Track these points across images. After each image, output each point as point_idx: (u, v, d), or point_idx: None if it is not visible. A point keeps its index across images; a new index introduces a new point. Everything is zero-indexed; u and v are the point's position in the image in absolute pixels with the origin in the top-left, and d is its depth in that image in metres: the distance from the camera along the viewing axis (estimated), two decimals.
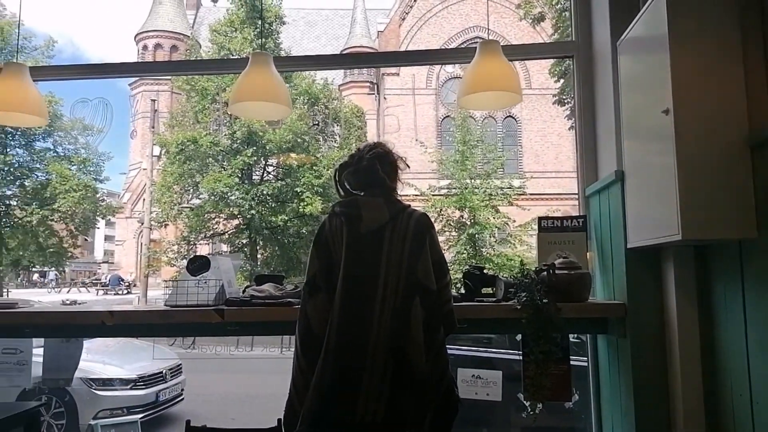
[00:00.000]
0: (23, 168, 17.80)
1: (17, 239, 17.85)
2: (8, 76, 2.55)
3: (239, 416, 6.25)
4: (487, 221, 14.36)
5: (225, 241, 18.40)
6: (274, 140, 16.42)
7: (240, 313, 2.32)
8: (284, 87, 2.50)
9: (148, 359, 6.42)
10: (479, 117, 20.89)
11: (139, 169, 26.36)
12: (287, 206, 16.96)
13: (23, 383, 2.80)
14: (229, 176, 16.28)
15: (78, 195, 17.43)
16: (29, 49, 16.87)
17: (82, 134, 18.27)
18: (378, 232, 1.87)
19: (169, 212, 17.65)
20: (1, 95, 2.54)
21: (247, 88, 2.38)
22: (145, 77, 24.04)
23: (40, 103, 2.61)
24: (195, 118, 17.05)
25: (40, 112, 2.60)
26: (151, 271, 20.60)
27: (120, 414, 5.30)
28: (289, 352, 6.72)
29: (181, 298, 2.37)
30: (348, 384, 1.76)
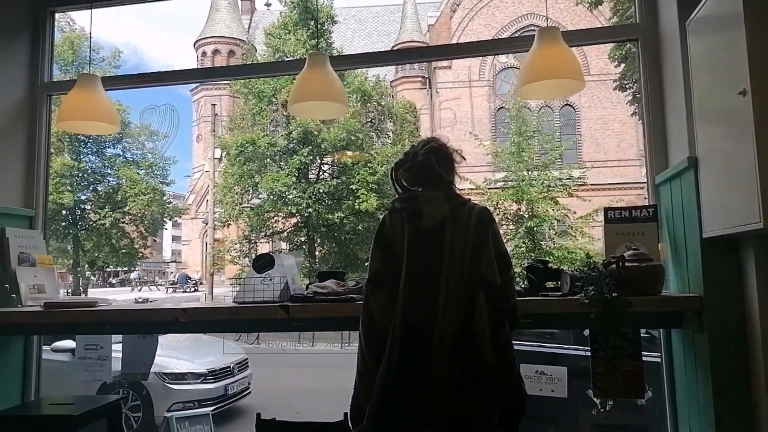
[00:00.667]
0: (96, 174, 18.90)
1: (92, 241, 18.98)
2: (82, 87, 2.71)
3: (304, 410, 6.39)
4: (545, 213, 14.00)
5: (284, 239, 18.84)
6: (328, 139, 16.65)
7: (304, 309, 2.36)
8: (341, 85, 2.52)
9: (217, 354, 6.67)
10: (535, 107, 20.39)
11: (202, 171, 27.40)
12: (343, 203, 17.16)
13: (104, 377, 2.97)
14: (287, 176, 16.64)
15: (147, 198, 18.35)
16: (97, 60, 17.84)
17: (149, 140, 19.18)
18: (439, 227, 1.86)
19: (231, 212, 18.24)
20: (76, 105, 2.70)
21: (305, 89, 2.42)
22: (205, 83, 24.95)
23: (112, 111, 2.76)
24: (253, 120, 17.53)
25: (113, 120, 2.75)
26: (215, 269, 21.41)
27: (192, 407, 5.53)
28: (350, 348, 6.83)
29: (248, 295, 2.45)
30: (412, 380, 1.76)
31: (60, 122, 2.72)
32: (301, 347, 11.18)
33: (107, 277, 30.86)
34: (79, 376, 2.89)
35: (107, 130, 2.87)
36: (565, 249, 13.71)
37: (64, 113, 2.67)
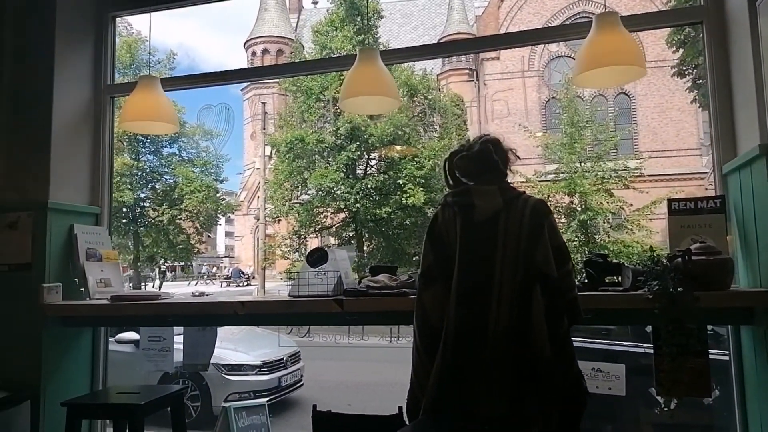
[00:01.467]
0: (154, 172, 19.66)
1: (151, 237, 19.79)
2: (143, 88, 2.81)
3: (355, 403, 6.46)
4: (599, 206, 13.59)
5: (333, 234, 19.08)
6: (376, 134, 16.71)
7: (357, 303, 2.38)
8: (392, 80, 2.51)
9: (270, 346, 6.83)
10: (588, 96, 19.77)
11: (253, 168, 28.07)
12: (390, 198, 17.20)
13: (166, 368, 3.09)
14: (335, 171, 16.82)
15: (201, 195, 18.97)
16: (153, 63, 18.50)
17: (203, 139, 19.79)
18: (492, 220, 1.83)
19: (281, 208, 18.62)
20: (138, 106, 2.81)
21: (357, 84, 2.43)
22: (255, 82, 25.50)
23: (172, 111, 2.85)
24: (301, 117, 17.80)
25: (172, 120, 2.84)
26: (267, 264, 21.91)
27: (247, 397, 5.69)
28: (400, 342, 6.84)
29: (302, 288, 2.48)
30: (467, 376, 1.75)
31: (122, 123, 2.84)
32: (352, 341, 11.29)
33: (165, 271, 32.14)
34: (143, 366, 3.02)
35: (167, 129, 2.98)
36: (620, 243, 13.28)
37: (127, 114, 2.78)
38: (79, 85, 3.16)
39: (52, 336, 2.81)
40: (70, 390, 2.83)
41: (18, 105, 3.00)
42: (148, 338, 2.99)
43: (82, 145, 3.17)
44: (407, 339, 10.16)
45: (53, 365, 2.82)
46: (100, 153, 3.25)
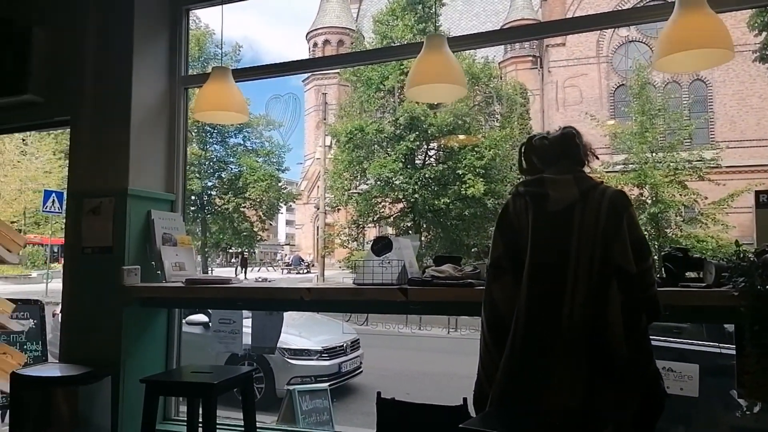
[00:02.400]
0: (220, 162, 20.41)
1: (218, 224, 20.60)
2: (216, 79, 2.90)
3: (413, 392, 6.48)
4: (671, 198, 12.93)
5: (390, 224, 19.17)
6: (435, 124, 16.60)
7: (422, 293, 2.37)
8: (459, 67, 2.47)
9: (330, 333, 6.95)
10: (660, 83, 18.80)
11: (313, 158, 28.58)
12: (449, 189, 17.07)
13: (236, 350, 3.21)
14: (394, 161, 16.85)
15: (264, 184, 19.55)
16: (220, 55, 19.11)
17: (266, 129, 20.33)
18: (567, 211, 1.77)
19: (340, 198, 18.87)
20: (211, 96, 2.90)
21: (424, 72, 2.40)
22: (316, 73, 25.85)
23: (242, 101, 2.93)
24: (361, 107, 17.92)
25: (243, 110, 2.92)
26: (326, 252, 22.33)
27: (309, 381, 5.82)
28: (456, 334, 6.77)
29: (367, 276, 2.51)
30: (538, 370, 1.71)
31: (196, 113, 2.94)
32: (408, 330, 11.32)
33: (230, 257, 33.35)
34: (214, 347, 3.14)
35: (238, 119, 3.06)
36: (693, 237, 12.61)
37: (200, 104, 2.88)
38: (155, 77, 3.30)
39: (131, 316, 2.97)
40: (146, 367, 2.99)
41: (100, 96, 3.16)
42: (219, 321, 3.11)
43: (158, 135, 3.32)
44: (465, 330, 10.10)
45: (132, 344, 2.98)
46: (175, 142, 3.39)
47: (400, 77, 16.78)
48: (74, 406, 2.64)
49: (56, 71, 3.27)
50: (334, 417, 4.14)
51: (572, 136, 1.85)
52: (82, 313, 3.04)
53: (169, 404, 3.22)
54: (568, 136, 1.86)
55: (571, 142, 1.84)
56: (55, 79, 3.26)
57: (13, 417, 2.81)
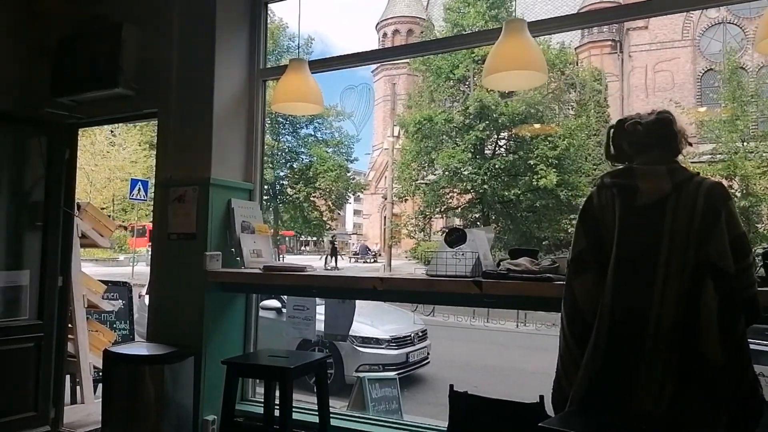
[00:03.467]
0: (292, 152, 20.97)
1: (289, 213, 21.22)
2: (293, 71, 2.96)
3: (481, 386, 6.40)
4: (764, 192, 11.99)
5: (458, 215, 18.99)
6: (506, 113, 16.21)
7: (497, 286, 2.32)
8: (540, 52, 2.38)
9: (397, 322, 6.99)
10: (753, 67, 17.40)
11: (381, 149, 28.72)
12: (520, 180, 16.68)
13: (309, 336, 3.29)
14: (462, 152, 16.65)
15: (334, 174, 19.92)
16: (293, 48, 19.57)
17: (336, 120, 20.65)
18: (658, 204, 1.66)
19: (408, 188, 18.87)
20: (288, 88, 2.96)
21: (502, 58, 2.33)
22: (385, 63, 25.89)
23: (319, 92, 2.98)
24: (430, 97, 17.80)
25: (319, 101, 2.97)
26: (393, 242, 22.46)
27: (377, 370, 5.89)
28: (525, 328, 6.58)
29: (440, 268, 2.48)
30: (622, 372, 1.63)
31: (275, 104, 3.01)
32: (476, 323, 11.20)
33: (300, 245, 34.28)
34: (289, 332, 3.23)
35: (314, 110, 3.11)
36: None
37: (279, 96, 2.95)
38: (235, 70, 3.41)
39: (213, 300, 3.11)
40: (226, 349, 3.12)
41: (184, 89, 3.31)
42: (294, 307, 3.19)
43: (238, 126, 3.43)
44: (536, 325, 9.86)
45: (212, 326, 3.12)
46: (253, 133, 3.49)
47: (471, 66, 16.50)
48: (160, 383, 2.80)
49: (144, 65, 3.44)
50: (403, 406, 4.16)
51: (668, 121, 1.73)
52: (168, 295, 3.21)
53: (246, 386, 3.35)
54: (663, 122, 1.73)
55: (667, 128, 1.72)
56: (143, 73, 3.44)
57: (105, 391, 3.03)
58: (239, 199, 3.31)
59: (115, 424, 2.87)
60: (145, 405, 2.79)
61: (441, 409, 5.49)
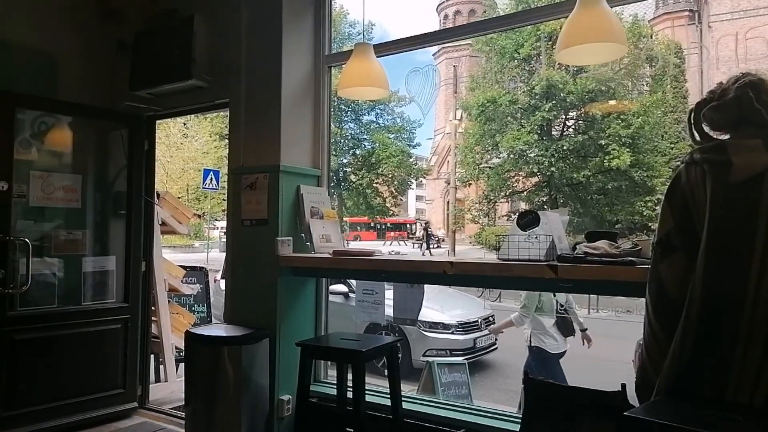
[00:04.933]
0: (354, 139, 21.15)
1: (353, 200, 21.47)
2: (359, 55, 2.95)
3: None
4: None
5: (524, 199, 18.56)
6: (575, 91, 15.59)
7: (574, 270, 2.23)
8: (618, 22, 2.24)
9: (464, 307, 6.94)
10: None
11: (443, 133, 28.44)
12: (590, 161, 16.05)
13: (378, 320, 3.30)
14: (528, 133, 16.20)
15: (396, 160, 19.94)
16: (354, 34, 19.63)
17: (398, 105, 20.61)
18: (754, 181, 1.52)
19: (471, 172, 18.61)
20: (354, 73, 2.95)
21: (577, 30, 2.21)
22: (446, 45, 25.50)
23: (384, 76, 2.95)
24: (494, 78, 17.39)
25: (385, 85, 2.94)
26: (457, 228, 22.26)
27: (444, 354, 5.88)
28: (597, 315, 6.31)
29: (512, 252, 2.41)
30: (714, 359, 1.52)
31: (341, 89, 3.02)
32: None
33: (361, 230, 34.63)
34: (358, 316, 3.26)
35: (381, 93, 3.09)
36: None
37: (345, 81, 2.95)
38: (302, 57, 3.44)
39: (285, 284, 3.18)
40: (298, 332, 3.20)
41: (253, 78, 3.38)
42: (363, 291, 3.21)
43: (305, 113, 3.47)
44: (608, 311, 9.51)
45: (285, 309, 3.20)
46: (320, 120, 3.52)
47: (536, 44, 15.96)
48: (238, 363, 2.90)
49: (215, 56, 3.55)
50: (473, 391, 4.13)
51: (749, 100, 1.56)
52: (243, 279, 3.32)
53: (318, 367, 3.43)
54: (743, 102, 1.57)
55: (749, 107, 1.56)
56: (214, 64, 3.54)
57: (187, 370, 3.18)
58: (308, 185, 3.36)
59: (197, 401, 3.01)
60: (225, 384, 2.90)
61: (511, 396, 5.43)
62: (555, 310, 4.39)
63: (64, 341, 3.49)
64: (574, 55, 2.35)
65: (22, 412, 3.29)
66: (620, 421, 1.46)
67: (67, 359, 3.49)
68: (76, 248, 3.67)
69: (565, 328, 4.38)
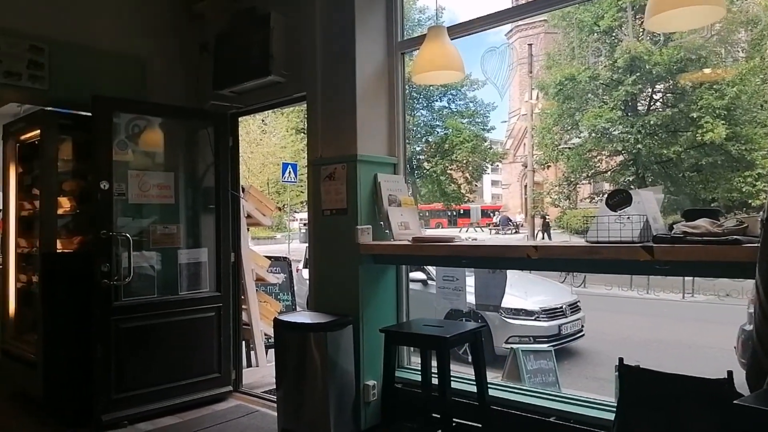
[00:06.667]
0: (427, 126, 21.01)
1: (427, 188, 21.39)
2: (433, 38, 2.90)
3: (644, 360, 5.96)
4: None
5: (608, 180, 17.67)
6: (662, 62, 14.56)
7: (672, 252, 2.09)
8: None
9: (546, 293, 6.72)
10: None
11: (518, 115, 27.60)
12: (680, 136, 14.98)
13: (460, 306, 3.28)
14: (611, 110, 15.36)
15: (470, 145, 19.62)
16: (424, 19, 19.43)
17: (470, 89, 20.23)
18: None
19: (550, 154, 17.96)
20: (429, 57, 2.91)
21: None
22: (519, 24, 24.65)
23: (459, 58, 2.89)
24: (572, 54, 16.61)
25: (460, 67, 2.88)
26: (536, 212, 21.60)
27: (527, 341, 5.74)
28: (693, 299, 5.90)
29: (602, 234, 2.30)
30: None
31: (416, 75, 2.99)
32: (633, 293, 10.43)
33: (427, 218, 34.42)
34: (439, 303, 3.25)
35: (456, 77, 3.04)
36: None
37: (420, 65, 2.92)
38: (375, 46, 3.44)
39: (366, 271, 3.23)
40: (380, 319, 3.24)
41: (328, 70, 3.42)
42: (443, 278, 3.19)
43: (380, 101, 3.47)
44: (705, 295, 8.89)
45: (367, 297, 3.24)
46: (395, 107, 3.52)
47: (617, 15, 15.07)
48: (324, 349, 2.98)
49: (291, 51, 3.63)
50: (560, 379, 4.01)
51: None
52: (326, 268, 3.41)
53: (401, 353, 3.45)
54: None
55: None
56: (291, 59, 3.63)
57: (277, 355, 3.31)
58: (385, 173, 3.38)
59: (287, 385, 3.13)
60: (312, 368, 2.99)
61: (600, 384, 5.23)
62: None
63: (164, 329, 3.73)
64: (667, 22, 2.18)
65: (130, 395, 3.56)
66: (728, 410, 1.36)
67: (166, 346, 3.73)
68: (171, 241, 3.91)
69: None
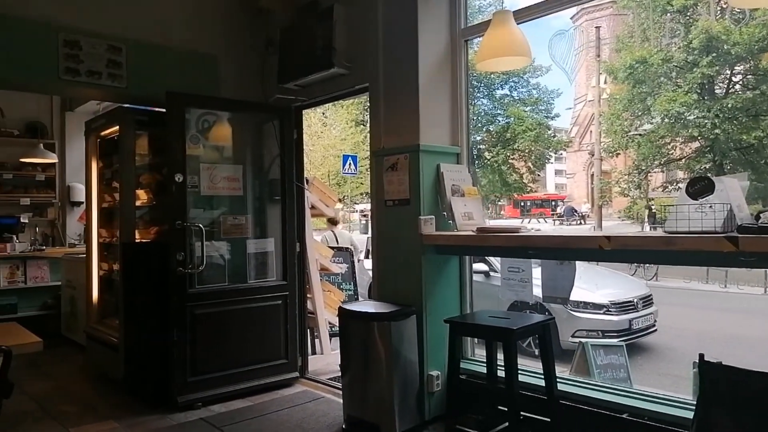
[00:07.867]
0: (488, 115, 20.64)
1: (487, 178, 21.05)
2: (498, 24, 2.83)
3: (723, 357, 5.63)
4: None
5: (682, 168, 16.75)
6: (741, 41, 13.61)
7: (760, 242, 1.95)
8: None
9: (615, 286, 6.46)
10: None
11: (584, 101, 26.59)
12: (762, 120, 13.97)
13: (525, 298, 3.19)
14: (686, 94, 14.51)
15: (533, 134, 19.11)
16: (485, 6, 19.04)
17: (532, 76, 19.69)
18: None
19: (619, 141, 17.23)
20: (495, 42, 2.83)
21: None
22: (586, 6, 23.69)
23: (525, 43, 2.80)
24: (643, 35, 15.80)
25: (527, 52, 2.79)
26: (603, 202, 20.82)
27: (595, 336, 5.54)
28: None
29: (681, 223, 2.18)
30: None
31: (480, 62, 2.92)
32: (710, 287, 9.89)
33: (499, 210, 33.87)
34: (504, 294, 3.19)
35: (523, 63, 2.95)
36: None
37: (485, 52, 2.85)
38: (437, 34, 3.40)
39: (429, 262, 3.21)
40: (443, 309, 3.22)
41: (390, 60, 3.41)
42: (509, 269, 3.12)
43: (443, 90, 3.43)
44: None
45: (430, 287, 3.23)
46: (458, 96, 3.47)
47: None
48: (388, 339, 3.00)
49: (353, 43, 3.64)
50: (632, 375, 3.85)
51: None
52: (389, 258, 3.42)
53: (465, 345, 3.42)
54: None
55: None
56: (353, 51, 3.64)
57: (342, 343, 3.36)
58: (447, 163, 3.34)
59: (352, 373, 3.18)
60: (377, 357, 3.02)
61: (675, 381, 4.99)
62: None
63: (234, 316, 3.88)
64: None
65: (204, 378, 3.73)
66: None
67: (236, 332, 3.87)
68: (240, 232, 4.04)
69: None
